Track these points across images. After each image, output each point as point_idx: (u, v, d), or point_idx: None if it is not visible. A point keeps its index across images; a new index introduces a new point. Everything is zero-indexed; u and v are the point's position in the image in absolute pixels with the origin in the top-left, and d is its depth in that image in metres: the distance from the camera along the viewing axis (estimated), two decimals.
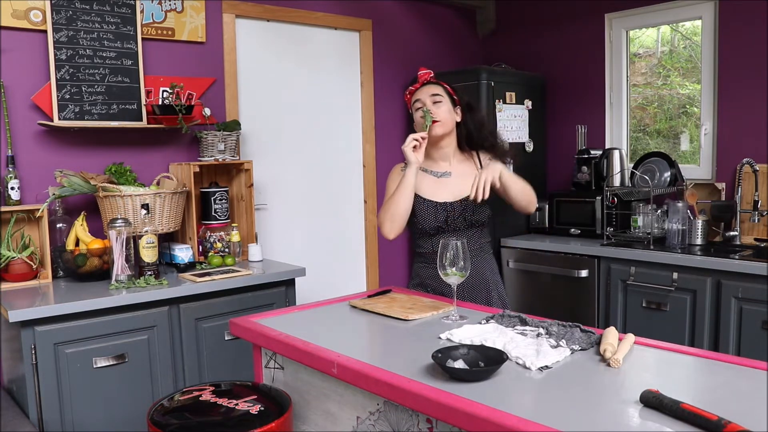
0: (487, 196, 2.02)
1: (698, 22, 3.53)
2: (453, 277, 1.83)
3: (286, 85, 3.64)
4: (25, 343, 2.24)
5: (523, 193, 2.16)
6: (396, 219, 2.11)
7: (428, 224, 2.18)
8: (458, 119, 2.24)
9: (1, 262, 2.55)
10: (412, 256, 4.25)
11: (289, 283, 2.88)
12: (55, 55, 2.79)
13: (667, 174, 3.45)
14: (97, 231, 2.83)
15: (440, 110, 2.17)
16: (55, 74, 2.79)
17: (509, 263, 3.72)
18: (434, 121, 2.14)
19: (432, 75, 2.26)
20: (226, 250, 3.11)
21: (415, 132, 2.15)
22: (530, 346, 1.51)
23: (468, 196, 2.12)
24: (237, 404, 1.60)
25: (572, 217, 3.69)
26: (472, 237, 2.23)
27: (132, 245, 2.63)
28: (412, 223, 2.21)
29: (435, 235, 2.20)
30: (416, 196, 2.17)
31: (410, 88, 2.28)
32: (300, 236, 3.71)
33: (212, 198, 3.07)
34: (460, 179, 2.22)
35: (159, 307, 2.51)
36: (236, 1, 3.37)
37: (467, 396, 1.24)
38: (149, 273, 2.64)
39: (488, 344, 1.53)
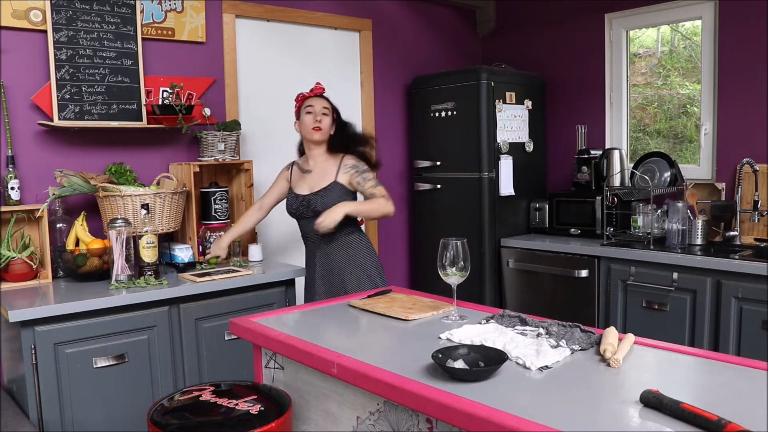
0: (327, 230, 2.56)
1: (698, 22, 3.53)
2: (453, 277, 1.83)
3: (287, 85, 3.63)
4: (25, 343, 2.24)
5: (378, 213, 2.66)
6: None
7: (289, 210, 2.77)
8: (332, 133, 2.76)
9: (1, 262, 2.55)
10: (411, 256, 4.25)
11: (289, 283, 2.88)
12: (55, 55, 2.79)
13: (667, 174, 3.45)
14: (97, 231, 2.83)
15: (324, 121, 2.71)
16: (55, 74, 2.79)
17: (509, 263, 3.73)
18: (317, 128, 2.68)
19: (324, 91, 2.83)
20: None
21: (303, 127, 2.75)
22: (530, 346, 1.51)
23: (319, 190, 2.66)
24: (237, 404, 1.60)
25: (572, 217, 3.69)
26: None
27: (132, 245, 2.63)
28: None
29: (298, 220, 2.78)
30: (289, 189, 2.81)
31: (303, 93, 2.81)
32: (300, 236, 3.70)
33: (212, 198, 3.07)
34: (317, 176, 2.72)
35: (159, 307, 2.51)
36: (236, 1, 3.37)
37: (467, 396, 1.24)
38: (149, 273, 2.64)
39: (488, 344, 1.53)
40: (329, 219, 2.52)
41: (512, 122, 3.81)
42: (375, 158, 2.85)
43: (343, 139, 2.77)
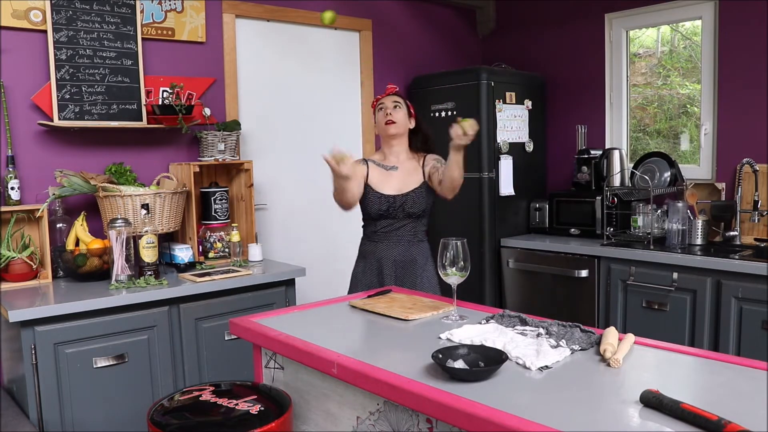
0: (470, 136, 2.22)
1: (698, 22, 3.53)
2: (453, 277, 1.83)
3: (287, 85, 3.64)
4: (25, 343, 2.24)
5: (460, 177, 2.42)
6: (343, 205, 2.53)
7: (373, 211, 2.54)
8: (411, 126, 2.61)
9: (1, 262, 2.55)
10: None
11: (289, 283, 2.88)
12: (55, 55, 2.79)
13: (667, 174, 3.45)
14: (97, 231, 2.83)
15: (397, 114, 2.56)
16: (55, 74, 2.79)
17: (509, 263, 3.73)
18: (390, 122, 2.54)
19: (397, 89, 2.68)
20: (226, 250, 3.11)
21: (379, 126, 2.61)
22: (530, 346, 1.51)
23: (412, 190, 2.52)
24: (237, 404, 1.60)
25: (572, 217, 3.69)
26: (407, 225, 2.56)
27: (132, 245, 2.63)
28: (361, 206, 2.59)
29: (378, 219, 2.56)
30: (366, 186, 2.55)
31: (378, 97, 2.68)
32: (300, 236, 3.71)
33: (212, 198, 3.07)
34: (404, 175, 2.56)
35: (159, 307, 2.51)
36: (236, 1, 3.37)
37: (467, 396, 1.24)
38: (149, 273, 2.64)
39: (488, 344, 1.53)
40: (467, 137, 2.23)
41: (512, 122, 3.81)
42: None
43: (423, 139, 2.65)
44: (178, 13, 3.15)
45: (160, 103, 3.02)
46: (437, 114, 3.89)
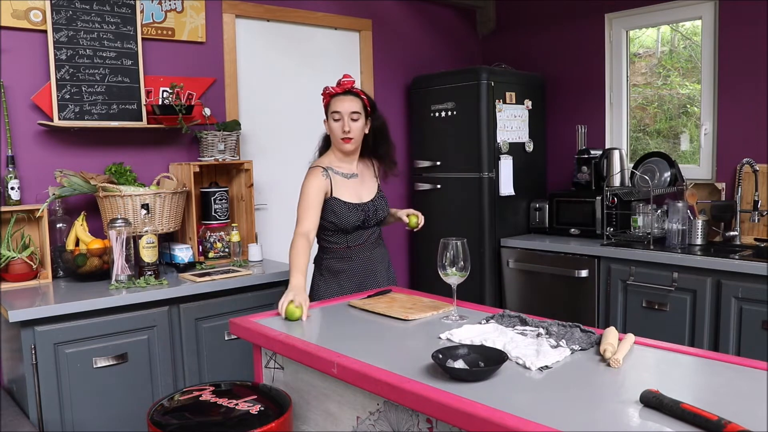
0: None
1: (698, 22, 3.53)
2: (453, 277, 1.83)
3: (287, 85, 3.64)
4: (25, 343, 2.24)
5: None
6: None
7: (349, 224, 2.37)
8: (366, 131, 2.42)
9: (1, 262, 2.55)
10: (411, 256, 4.25)
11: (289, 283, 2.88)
12: (55, 55, 2.79)
13: (667, 174, 3.45)
14: (97, 231, 2.83)
15: (355, 127, 2.35)
16: (55, 74, 2.79)
17: (509, 263, 3.73)
18: (347, 140, 2.34)
19: (354, 84, 2.39)
20: (226, 250, 3.11)
21: (333, 136, 2.40)
22: (530, 346, 1.51)
23: (375, 197, 2.44)
24: (237, 404, 1.60)
25: (572, 217, 3.69)
26: (375, 231, 2.50)
27: (132, 245, 2.63)
28: (326, 222, 2.39)
29: (351, 232, 2.41)
30: (335, 199, 2.36)
31: (331, 89, 2.38)
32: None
33: (212, 198, 3.07)
34: (366, 181, 2.47)
35: (159, 307, 2.51)
36: (236, 1, 3.37)
37: (467, 396, 1.24)
38: (149, 273, 2.64)
39: (488, 344, 1.53)
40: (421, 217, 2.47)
41: (512, 122, 3.81)
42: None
43: (373, 145, 2.48)
44: (178, 13, 3.15)
45: (160, 103, 3.02)
46: (437, 114, 3.89)
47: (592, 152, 3.73)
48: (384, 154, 2.51)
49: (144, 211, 2.71)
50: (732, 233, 3.21)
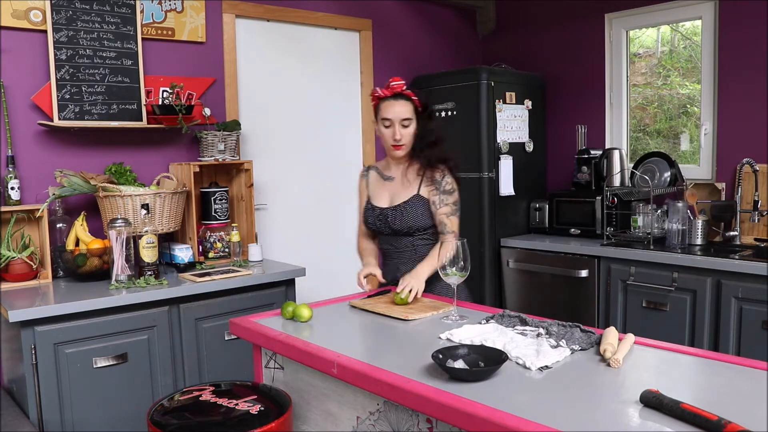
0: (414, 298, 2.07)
1: (698, 22, 3.53)
2: (453, 277, 1.83)
3: (286, 85, 3.64)
4: (25, 343, 2.24)
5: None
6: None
7: (367, 224, 2.37)
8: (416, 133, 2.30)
9: (1, 262, 2.55)
10: None
11: (289, 283, 2.88)
12: (55, 55, 2.79)
13: (667, 174, 3.45)
14: (97, 231, 2.83)
15: (406, 133, 2.24)
16: (55, 74, 2.79)
17: (509, 263, 3.72)
18: (398, 147, 2.24)
19: (405, 87, 2.27)
20: (226, 250, 3.11)
21: (384, 142, 2.30)
22: (530, 346, 1.51)
23: (398, 205, 2.26)
24: (237, 404, 1.60)
25: (572, 217, 3.69)
26: (400, 240, 2.30)
27: (132, 245, 2.63)
28: None
29: (377, 234, 2.39)
30: (368, 198, 2.38)
31: (380, 92, 2.28)
32: (300, 236, 3.71)
33: (212, 198, 3.07)
34: (399, 186, 2.31)
35: (159, 307, 2.51)
36: (236, 1, 3.37)
37: (467, 396, 1.24)
38: (149, 273, 2.64)
39: (488, 344, 1.53)
40: (416, 288, 2.04)
41: (512, 122, 3.81)
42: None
43: (426, 150, 2.27)
44: (178, 13, 3.15)
45: (160, 103, 3.02)
46: (437, 114, 3.89)
47: (592, 152, 3.73)
48: (436, 159, 2.27)
49: (144, 211, 2.71)
50: (732, 233, 3.21)
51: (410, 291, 2.02)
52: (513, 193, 3.79)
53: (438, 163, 2.27)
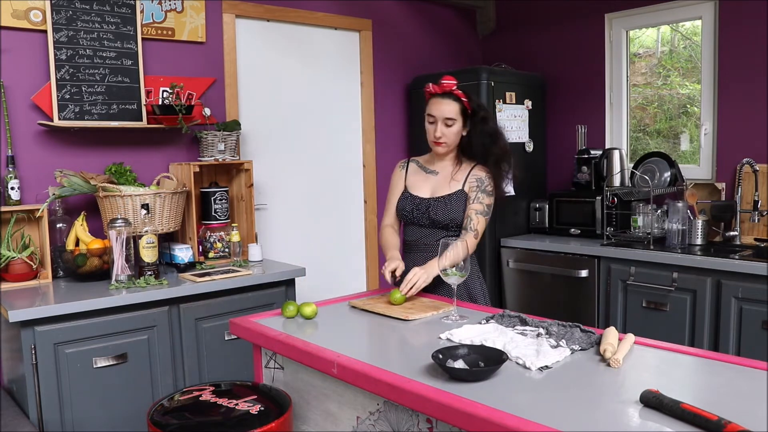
0: (414, 293, 2.06)
1: (698, 22, 3.53)
2: (453, 277, 1.84)
3: (286, 85, 3.64)
4: (25, 343, 2.24)
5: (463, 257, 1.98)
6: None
7: (399, 212, 2.37)
8: (464, 133, 2.32)
9: (1, 262, 2.55)
10: None
11: (289, 283, 2.88)
12: (55, 55, 2.79)
13: (667, 174, 3.45)
14: (97, 231, 2.83)
15: (448, 132, 2.28)
16: (55, 74, 2.79)
17: (509, 263, 3.72)
18: (439, 143, 2.29)
19: (455, 86, 2.29)
20: (226, 250, 3.11)
21: (427, 135, 2.33)
22: (530, 346, 1.51)
23: (443, 196, 2.29)
24: (237, 404, 1.60)
25: (572, 217, 3.69)
26: (435, 234, 2.31)
27: (132, 245, 2.63)
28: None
29: (407, 225, 2.39)
30: (405, 187, 2.40)
31: (431, 88, 2.33)
32: (300, 236, 3.71)
33: (212, 198, 3.07)
34: (443, 180, 2.34)
35: (159, 307, 2.51)
36: (236, 1, 3.37)
37: (467, 396, 1.24)
38: (149, 273, 2.64)
39: (488, 344, 1.53)
40: (421, 279, 2.05)
41: (512, 122, 3.81)
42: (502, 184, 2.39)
43: (482, 149, 2.31)
44: (178, 13, 3.15)
45: (160, 103, 3.02)
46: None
47: (592, 152, 3.73)
48: (494, 161, 2.31)
49: (144, 211, 2.71)
50: (732, 233, 3.21)
51: (409, 284, 2.02)
52: (513, 193, 3.79)
53: (497, 163, 2.31)
